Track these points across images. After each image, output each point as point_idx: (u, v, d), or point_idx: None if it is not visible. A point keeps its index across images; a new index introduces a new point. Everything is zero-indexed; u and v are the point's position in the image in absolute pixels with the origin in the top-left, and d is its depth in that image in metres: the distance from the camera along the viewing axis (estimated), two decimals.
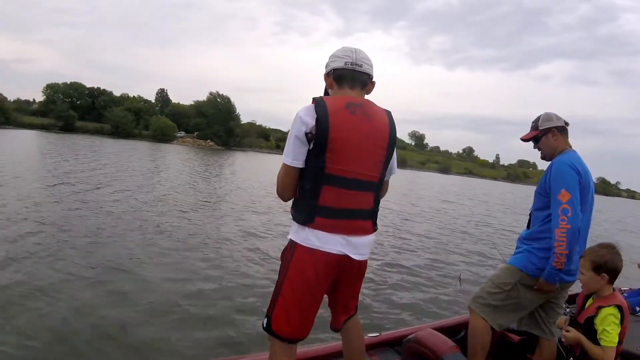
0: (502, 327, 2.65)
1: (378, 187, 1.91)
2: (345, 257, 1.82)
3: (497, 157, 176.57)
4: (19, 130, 57.46)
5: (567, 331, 2.13)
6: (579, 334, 2.11)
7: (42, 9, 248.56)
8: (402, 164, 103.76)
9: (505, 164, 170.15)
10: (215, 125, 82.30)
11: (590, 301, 2.17)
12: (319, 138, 1.73)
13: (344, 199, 1.80)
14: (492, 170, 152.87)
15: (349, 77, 1.89)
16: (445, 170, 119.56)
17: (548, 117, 2.68)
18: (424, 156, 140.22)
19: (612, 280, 2.10)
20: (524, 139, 2.78)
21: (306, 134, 1.74)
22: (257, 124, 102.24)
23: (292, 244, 1.85)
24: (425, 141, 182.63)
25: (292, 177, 1.83)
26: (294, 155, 1.78)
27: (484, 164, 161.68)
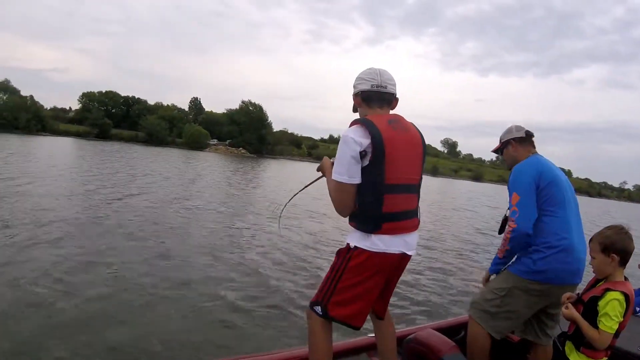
0: (500, 335, 2.63)
1: (419, 188, 2.20)
2: (402, 255, 2.08)
3: None
4: (55, 138, 59.63)
5: (566, 308, 2.11)
6: (576, 312, 2.09)
7: (79, 17, 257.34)
8: (434, 172, 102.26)
9: None
10: (247, 133, 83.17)
11: (600, 283, 2.14)
12: (377, 154, 1.94)
13: (401, 203, 2.05)
14: None
15: (375, 98, 2.12)
16: (478, 178, 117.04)
17: (509, 129, 2.87)
18: (456, 164, 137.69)
19: (622, 263, 2.07)
20: (493, 151, 3.04)
21: (360, 152, 1.94)
22: (289, 131, 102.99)
23: (354, 247, 2.04)
24: (457, 148, 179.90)
25: (349, 194, 2.02)
26: (350, 173, 1.97)
27: None
